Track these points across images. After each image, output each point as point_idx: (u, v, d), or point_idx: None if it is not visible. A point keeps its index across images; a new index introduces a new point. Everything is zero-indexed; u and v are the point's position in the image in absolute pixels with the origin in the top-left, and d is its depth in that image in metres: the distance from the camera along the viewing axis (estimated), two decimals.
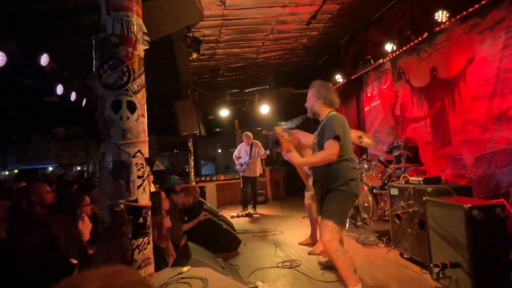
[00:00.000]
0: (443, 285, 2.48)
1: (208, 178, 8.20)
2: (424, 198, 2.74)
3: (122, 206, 1.04)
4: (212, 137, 13.37)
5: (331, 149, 2.25)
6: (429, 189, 2.81)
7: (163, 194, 2.77)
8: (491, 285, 2.25)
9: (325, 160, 2.30)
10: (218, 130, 12.92)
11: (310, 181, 2.56)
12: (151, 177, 3.14)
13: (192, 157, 7.20)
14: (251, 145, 6.40)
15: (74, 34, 3.78)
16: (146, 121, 1.16)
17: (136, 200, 1.08)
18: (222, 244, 3.82)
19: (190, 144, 7.11)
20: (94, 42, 1.12)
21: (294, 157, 2.34)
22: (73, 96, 5.38)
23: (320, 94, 2.51)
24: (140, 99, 1.13)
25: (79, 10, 1.32)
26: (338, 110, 2.63)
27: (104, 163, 1.06)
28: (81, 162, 14.58)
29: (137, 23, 1.12)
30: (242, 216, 6.20)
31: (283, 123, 2.41)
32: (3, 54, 3.55)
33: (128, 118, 1.09)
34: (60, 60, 4.55)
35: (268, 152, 6.24)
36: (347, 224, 4.41)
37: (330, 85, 2.62)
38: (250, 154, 6.32)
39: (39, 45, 4.14)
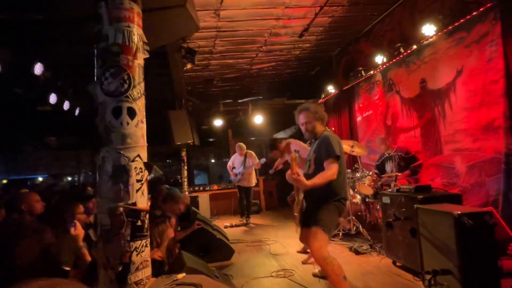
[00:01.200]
0: None
1: (201, 188, 8.16)
2: (415, 206, 2.78)
3: (121, 209, 1.06)
4: (205, 147, 13.36)
5: (332, 169, 2.38)
6: (420, 197, 2.86)
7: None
8: None
9: (328, 180, 2.37)
10: (211, 140, 12.93)
11: (301, 196, 2.61)
12: None
13: (186, 167, 7.18)
14: (245, 156, 6.42)
15: (68, 43, 3.81)
16: (145, 127, 1.19)
17: (134, 203, 1.10)
18: (216, 253, 3.80)
19: (183, 153, 7.10)
20: (96, 51, 1.15)
21: (302, 181, 2.32)
22: (66, 105, 5.36)
23: (319, 115, 2.66)
24: (140, 106, 1.16)
25: (78, 20, 1.35)
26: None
27: (104, 167, 1.09)
28: (72, 172, 14.38)
29: (137, 33, 1.17)
30: (236, 226, 6.17)
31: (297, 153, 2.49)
32: None
33: (128, 123, 1.12)
34: (54, 69, 4.55)
35: (262, 161, 6.26)
36: (341, 233, 4.42)
37: (317, 103, 2.75)
38: (244, 165, 6.33)
39: (33, 54, 4.14)
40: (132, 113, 1.13)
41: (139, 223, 1.10)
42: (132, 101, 1.13)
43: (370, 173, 4.70)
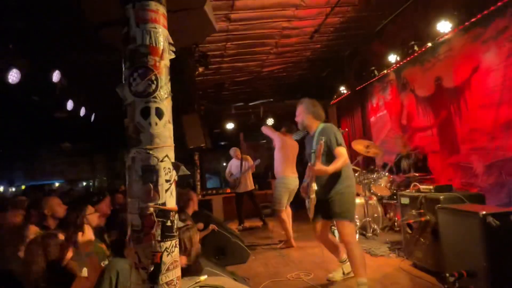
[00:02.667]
0: None
1: (214, 191, 8.19)
2: (436, 206, 2.71)
3: (151, 209, 1.07)
4: (217, 151, 13.40)
5: (345, 154, 2.65)
6: (441, 197, 2.79)
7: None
8: None
9: (345, 163, 2.66)
10: (223, 143, 12.97)
11: (313, 195, 2.78)
12: None
13: (199, 170, 7.21)
14: (241, 160, 6.40)
15: (85, 51, 3.90)
16: (172, 128, 1.20)
17: (164, 204, 1.11)
18: (232, 256, 3.79)
19: (196, 157, 7.14)
20: (124, 52, 1.18)
21: (324, 168, 2.60)
22: (82, 112, 5.47)
23: (309, 110, 2.91)
24: (167, 106, 1.18)
25: (103, 25, 1.38)
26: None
27: (133, 168, 1.10)
28: (87, 177, 14.64)
29: (163, 34, 1.18)
30: (251, 228, 6.15)
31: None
32: (17, 71, 3.64)
33: (156, 124, 1.13)
34: (71, 76, 4.66)
35: (257, 162, 6.24)
36: (357, 236, 4.34)
37: (315, 101, 3.03)
38: (241, 169, 6.31)
39: (51, 62, 4.25)
40: (160, 113, 1.15)
41: (168, 223, 1.11)
42: (160, 101, 1.15)
43: (386, 174, 4.62)
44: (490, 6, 3.62)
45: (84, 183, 15.04)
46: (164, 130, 1.15)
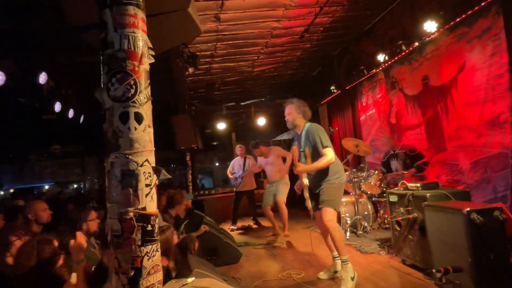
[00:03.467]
0: None
1: (206, 192, 8.16)
2: (423, 203, 2.76)
3: (131, 214, 1.07)
4: (209, 151, 13.38)
5: (330, 155, 2.81)
6: (428, 194, 2.84)
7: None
8: None
9: (328, 164, 2.83)
10: (215, 143, 12.95)
11: (305, 181, 2.99)
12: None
13: (190, 171, 7.19)
14: (245, 158, 6.34)
15: (72, 53, 3.85)
16: (153, 132, 1.19)
17: (144, 208, 1.10)
18: (223, 257, 3.79)
19: (188, 158, 7.12)
20: (102, 57, 1.17)
21: (303, 166, 2.94)
22: (70, 114, 5.40)
23: (300, 109, 3.04)
24: (147, 110, 1.17)
25: (84, 28, 1.37)
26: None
27: (112, 173, 1.09)
28: (77, 179, 14.47)
29: (142, 38, 1.18)
30: (243, 228, 6.15)
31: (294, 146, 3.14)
32: (2, 74, 3.58)
33: (135, 128, 1.13)
34: (58, 78, 4.59)
35: None
36: (348, 234, 4.39)
37: (303, 101, 3.14)
38: (244, 168, 6.26)
39: (37, 64, 4.19)
40: (139, 118, 1.14)
41: (149, 227, 1.11)
42: (139, 106, 1.14)
43: (376, 172, 4.67)
44: (474, 6, 3.68)
45: (75, 186, 14.86)
46: (143, 134, 1.14)
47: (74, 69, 4.72)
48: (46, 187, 14.47)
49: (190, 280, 1.52)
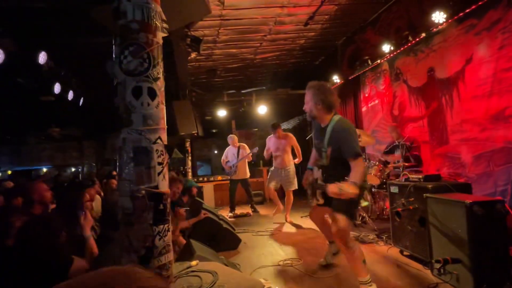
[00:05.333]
0: (444, 281, 2.50)
1: (205, 179, 8.17)
2: (424, 195, 2.76)
3: (143, 192, 1.04)
4: (208, 138, 13.34)
5: (362, 167, 2.33)
6: (430, 186, 2.84)
7: None
8: (492, 280, 2.27)
9: (362, 176, 2.34)
10: (214, 131, 12.90)
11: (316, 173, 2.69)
12: None
13: (190, 158, 7.17)
14: (238, 148, 6.38)
15: (73, 33, 3.76)
16: (165, 109, 1.16)
17: (156, 187, 1.07)
18: (223, 243, 3.81)
19: (187, 144, 7.09)
20: (114, 28, 1.11)
21: (350, 191, 2.19)
22: (70, 95, 5.33)
23: (318, 98, 2.45)
24: (160, 86, 1.13)
25: (92, 2, 1.31)
26: (337, 110, 2.59)
27: (125, 149, 1.06)
28: (76, 163, 14.43)
29: (156, 10, 1.12)
30: (242, 215, 6.19)
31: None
32: (1, 52, 3.50)
33: (148, 104, 1.08)
34: (58, 59, 4.50)
35: (255, 150, 6.23)
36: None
37: (327, 86, 2.55)
38: (238, 156, 6.30)
39: (37, 43, 4.10)
40: (152, 93, 1.10)
41: (161, 207, 1.08)
42: (153, 81, 1.09)
43: (376, 163, 4.67)
44: None
45: (73, 169, 14.82)
46: (156, 111, 1.11)
47: (75, 50, 4.62)
48: (44, 169, 14.44)
49: (194, 263, 1.52)
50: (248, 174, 6.48)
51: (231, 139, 6.44)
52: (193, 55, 4.94)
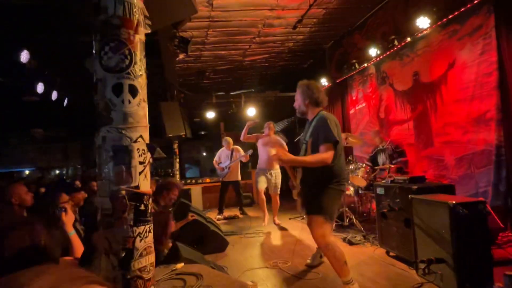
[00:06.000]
0: (428, 280, 2.54)
1: (193, 181, 8.10)
2: (409, 196, 2.81)
3: (123, 192, 1.01)
4: (196, 140, 13.24)
5: (327, 154, 2.30)
6: (415, 187, 2.89)
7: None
8: (474, 279, 2.32)
9: (320, 163, 2.32)
10: (203, 133, 12.82)
11: (298, 180, 2.61)
12: None
13: (178, 160, 7.10)
14: (232, 150, 6.36)
15: (58, 30, 3.67)
16: (147, 108, 1.13)
17: (137, 187, 1.05)
18: (210, 245, 3.78)
19: (175, 146, 7.01)
20: (94, 24, 1.09)
21: (288, 155, 2.42)
22: (54, 95, 5.20)
23: (306, 95, 2.56)
24: (142, 84, 1.10)
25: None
26: None
27: (104, 148, 1.03)
28: (60, 165, 14.08)
29: (138, 6, 1.10)
30: (230, 218, 6.15)
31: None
32: None
33: (129, 102, 1.06)
34: (42, 57, 4.38)
35: (250, 152, 6.22)
36: (334, 225, 4.45)
37: (316, 84, 2.64)
38: (231, 158, 6.28)
39: (19, 41, 3.98)
40: (134, 91, 1.07)
41: (142, 207, 1.06)
42: (134, 78, 1.07)
43: (363, 165, 4.73)
44: (467, 4, 3.72)
45: (57, 171, 14.46)
46: (138, 109, 1.08)
47: (60, 48, 4.51)
48: (27, 172, 14.02)
49: (179, 265, 1.49)
50: (240, 177, 6.45)
51: (226, 141, 6.39)
52: (181, 56, 4.90)
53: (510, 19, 3.34)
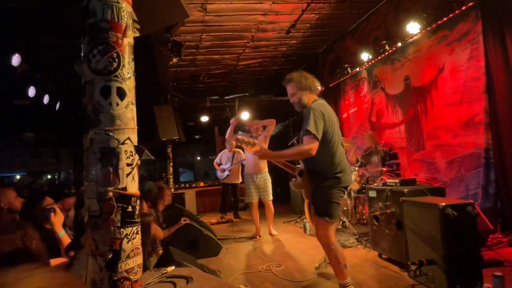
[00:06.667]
0: (419, 282, 2.56)
1: (187, 185, 8.07)
2: (401, 198, 2.84)
3: (111, 193, 1.02)
4: (191, 144, 13.21)
5: (308, 146, 2.18)
6: (406, 190, 2.92)
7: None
8: (464, 280, 2.34)
9: (300, 154, 2.26)
10: (197, 137, 12.79)
11: (297, 172, 2.51)
12: None
13: (171, 164, 7.07)
14: (233, 152, 6.34)
15: (50, 34, 3.66)
16: (135, 110, 1.14)
17: (125, 188, 1.05)
18: (203, 249, 3.76)
19: (169, 150, 6.99)
20: (82, 27, 1.10)
21: (264, 149, 2.30)
22: (46, 99, 5.15)
23: (303, 85, 2.43)
24: (130, 86, 1.11)
25: (64, 2, 1.28)
26: None
27: (92, 150, 1.03)
28: (52, 170, 13.90)
29: (127, 10, 1.12)
30: (223, 222, 6.13)
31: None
32: None
33: (117, 104, 1.07)
34: (34, 61, 4.36)
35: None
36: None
37: (302, 72, 2.52)
38: (232, 161, 6.27)
39: (10, 45, 3.96)
40: (122, 93, 1.09)
41: (129, 209, 1.06)
42: (122, 81, 1.08)
43: (356, 168, 4.77)
44: (455, 10, 3.81)
45: (49, 176, 14.27)
46: (126, 111, 1.09)
47: (52, 52, 4.49)
48: (18, 177, 13.81)
49: (170, 269, 1.49)
50: (240, 180, 6.40)
51: (228, 143, 6.18)
52: (175, 60, 4.91)
53: (497, 25, 3.43)
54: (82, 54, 1.09)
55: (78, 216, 3.04)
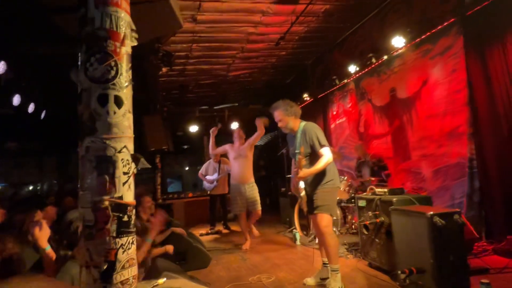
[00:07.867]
0: None
1: (175, 196, 7.95)
2: (389, 208, 2.88)
3: (106, 202, 0.99)
4: (179, 154, 13.08)
5: (328, 155, 2.78)
6: (394, 199, 2.97)
7: None
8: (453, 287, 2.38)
9: (327, 164, 2.79)
10: (186, 147, 12.68)
11: (302, 193, 2.87)
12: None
13: (160, 174, 6.97)
14: (219, 162, 6.28)
15: (36, 41, 3.61)
16: (132, 118, 1.13)
17: (121, 197, 1.03)
18: (193, 261, 3.69)
19: (157, 160, 6.90)
20: (80, 35, 1.09)
21: (305, 171, 2.81)
22: (31, 108, 5.04)
23: (289, 112, 2.95)
24: (127, 95, 1.11)
25: (56, 10, 1.27)
26: None
27: (87, 158, 1.01)
28: (34, 180, 13.45)
29: (125, 19, 1.12)
30: (212, 233, 6.05)
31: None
32: None
33: (115, 112, 1.06)
34: (19, 69, 4.27)
35: None
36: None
37: (287, 100, 3.03)
38: (219, 171, 6.20)
39: None
40: (119, 102, 1.07)
41: (125, 218, 1.03)
42: (119, 89, 1.07)
43: (345, 178, 4.81)
44: (437, 26, 3.97)
45: (31, 187, 13.79)
46: (123, 119, 1.08)
47: (38, 59, 4.41)
48: None
49: (161, 281, 1.45)
50: (227, 190, 6.32)
51: (213, 154, 6.12)
52: (165, 69, 4.91)
53: (477, 40, 3.59)
54: (79, 62, 1.08)
55: (62, 227, 2.95)
